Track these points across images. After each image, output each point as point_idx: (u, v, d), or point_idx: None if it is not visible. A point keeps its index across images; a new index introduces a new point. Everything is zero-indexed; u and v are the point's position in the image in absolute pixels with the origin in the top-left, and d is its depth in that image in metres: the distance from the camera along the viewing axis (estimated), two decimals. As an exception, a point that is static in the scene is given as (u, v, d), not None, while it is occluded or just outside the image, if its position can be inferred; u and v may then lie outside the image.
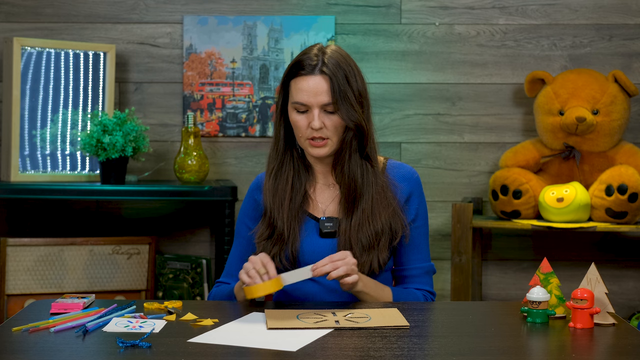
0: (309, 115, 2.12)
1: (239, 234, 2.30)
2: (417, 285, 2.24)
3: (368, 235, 2.14)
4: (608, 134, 3.26)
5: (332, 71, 2.10)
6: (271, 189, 2.21)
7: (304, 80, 2.11)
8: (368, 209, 2.16)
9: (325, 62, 2.11)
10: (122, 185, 3.15)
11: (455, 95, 3.49)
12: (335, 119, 2.12)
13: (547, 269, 1.95)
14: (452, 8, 3.47)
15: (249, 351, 1.69)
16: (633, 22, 3.46)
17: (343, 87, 2.10)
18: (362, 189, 2.16)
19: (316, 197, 2.24)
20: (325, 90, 2.10)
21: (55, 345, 1.73)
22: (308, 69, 2.11)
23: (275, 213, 2.19)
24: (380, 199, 2.17)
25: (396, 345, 1.72)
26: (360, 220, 2.15)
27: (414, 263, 2.24)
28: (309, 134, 2.13)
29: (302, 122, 2.13)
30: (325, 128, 2.12)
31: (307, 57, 2.13)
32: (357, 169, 2.16)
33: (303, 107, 2.12)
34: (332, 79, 2.10)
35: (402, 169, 2.25)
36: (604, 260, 3.48)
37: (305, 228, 2.20)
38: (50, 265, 3.21)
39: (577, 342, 1.79)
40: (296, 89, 2.13)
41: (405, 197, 2.22)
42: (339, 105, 2.10)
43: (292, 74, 2.14)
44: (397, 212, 2.18)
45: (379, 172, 2.19)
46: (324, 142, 2.13)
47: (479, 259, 3.47)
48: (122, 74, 3.46)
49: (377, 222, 2.15)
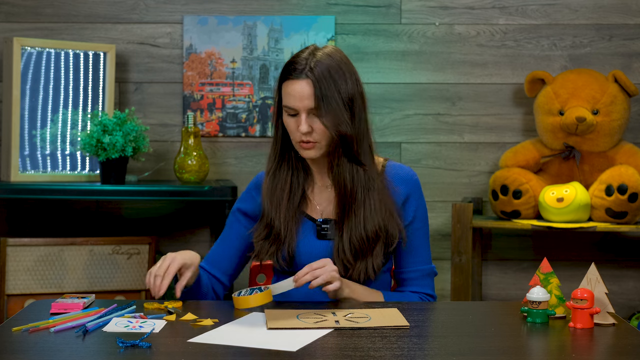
0: (297, 118, 2.12)
1: (229, 226, 2.30)
2: (416, 288, 2.23)
3: (361, 241, 2.14)
4: (608, 134, 3.26)
5: (316, 76, 2.08)
6: (269, 189, 2.21)
7: (292, 84, 2.11)
8: (360, 214, 2.15)
9: (312, 67, 2.09)
10: (122, 185, 3.15)
11: (455, 95, 3.49)
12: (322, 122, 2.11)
13: (547, 269, 1.95)
14: (452, 8, 3.47)
15: (249, 351, 1.69)
16: (633, 22, 3.46)
17: (327, 93, 2.08)
18: (353, 192, 2.15)
19: (314, 198, 2.24)
20: (309, 94, 2.09)
21: (55, 345, 1.73)
22: (296, 72, 2.11)
23: (272, 213, 2.20)
24: (375, 202, 2.16)
25: (396, 345, 1.72)
26: (353, 225, 2.15)
27: (413, 265, 2.23)
28: (298, 137, 2.13)
29: (292, 125, 2.14)
30: (314, 132, 2.11)
31: (297, 60, 2.12)
32: (346, 173, 2.15)
33: (292, 110, 2.12)
34: (315, 84, 2.08)
35: (400, 170, 2.24)
36: (604, 260, 3.48)
37: (302, 229, 2.20)
38: (50, 265, 3.22)
39: (577, 342, 1.79)
40: (285, 93, 2.13)
41: (402, 200, 2.21)
42: (322, 111, 2.09)
43: (284, 77, 2.14)
44: (394, 214, 2.17)
45: (373, 175, 2.18)
46: (312, 145, 2.13)
47: (479, 259, 3.47)
48: (122, 74, 3.46)
49: (371, 227, 2.14)
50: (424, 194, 2.27)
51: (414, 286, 2.23)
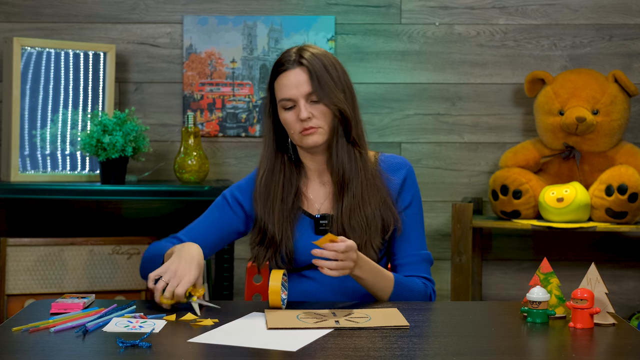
0: (296, 109, 2.16)
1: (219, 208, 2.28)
2: (414, 272, 2.23)
3: (359, 220, 2.16)
4: (608, 134, 3.26)
5: (309, 62, 2.16)
6: (262, 195, 2.23)
7: (285, 75, 2.17)
8: (358, 194, 2.18)
9: (302, 56, 2.18)
10: (122, 185, 3.15)
11: (455, 95, 3.49)
12: (321, 107, 2.16)
13: (547, 269, 1.95)
14: (452, 8, 3.47)
15: (249, 351, 1.69)
16: (633, 22, 3.46)
17: (321, 75, 2.15)
18: (350, 173, 2.18)
19: (311, 195, 2.25)
20: (305, 80, 2.15)
21: (55, 345, 1.73)
22: (288, 64, 2.18)
23: (266, 218, 2.21)
24: (370, 185, 2.19)
25: (396, 345, 1.72)
26: (351, 205, 2.17)
27: (410, 250, 2.24)
28: (299, 128, 2.16)
29: (291, 118, 2.17)
30: (314, 117, 2.16)
31: (286, 55, 2.20)
32: (344, 154, 2.19)
33: (290, 102, 2.16)
34: (310, 68, 2.15)
35: (393, 159, 2.28)
36: (604, 260, 3.48)
37: (299, 226, 2.21)
38: (50, 265, 3.22)
39: (577, 342, 1.79)
40: (279, 87, 2.18)
41: (399, 187, 2.23)
42: (320, 92, 2.15)
43: (275, 74, 2.20)
44: (388, 202, 2.20)
45: (367, 160, 2.22)
46: (314, 130, 2.16)
47: (479, 259, 3.47)
48: (122, 74, 3.46)
49: (368, 208, 2.17)
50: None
51: (411, 271, 2.23)
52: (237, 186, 2.31)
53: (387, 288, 2.15)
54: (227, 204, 2.28)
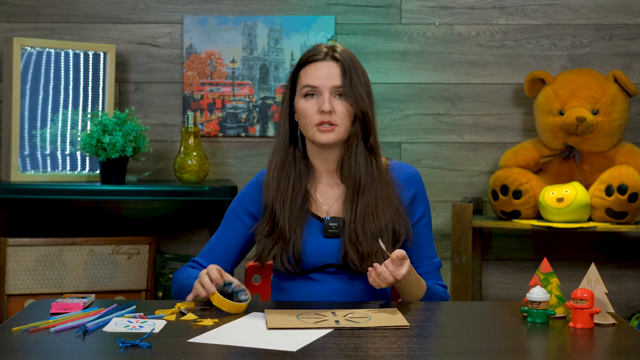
0: (318, 99, 2.14)
1: (230, 222, 2.26)
2: (432, 281, 2.25)
3: (372, 228, 2.14)
4: (608, 134, 3.26)
5: (343, 58, 2.17)
6: (274, 185, 2.20)
7: (316, 65, 2.17)
8: (372, 202, 2.16)
9: (337, 51, 2.18)
10: (122, 185, 3.15)
11: (455, 95, 3.49)
12: (345, 104, 2.14)
13: (547, 269, 1.95)
14: (452, 8, 3.47)
15: (249, 351, 1.69)
16: (633, 22, 3.46)
17: (352, 74, 2.16)
18: (366, 180, 2.17)
19: (320, 197, 2.22)
20: (337, 73, 2.15)
21: (55, 345, 1.73)
22: (321, 55, 2.18)
23: (277, 208, 2.18)
24: (384, 194, 2.18)
25: (396, 345, 1.72)
26: (364, 213, 2.15)
27: (424, 260, 2.25)
28: (317, 120, 2.14)
29: (310, 108, 2.15)
30: (334, 113, 2.14)
31: (318, 49, 2.20)
32: (362, 159, 2.17)
33: (313, 89, 2.14)
34: (344, 63, 2.16)
35: (404, 169, 2.25)
36: (604, 260, 3.48)
37: (308, 228, 2.18)
38: (50, 265, 3.22)
39: (577, 342, 1.79)
40: (307, 74, 2.16)
41: (410, 198, 2.22)
42: (349, 90, 2.14)
43: (305, 62, 2.18)
44: (401, 212, 2.19)
45: (382, 168, 2.21)
46: (332, 127, 2.14)
47: (479, 259, 3.47)
48: (122, 74, 3.46)
49: (381, 217, 2.15)
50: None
51: (426, 279, 2.23)
52: (241, 194, 2.28)
53: (420, 294, 2.16)
54: (236, 216, 2.26)
